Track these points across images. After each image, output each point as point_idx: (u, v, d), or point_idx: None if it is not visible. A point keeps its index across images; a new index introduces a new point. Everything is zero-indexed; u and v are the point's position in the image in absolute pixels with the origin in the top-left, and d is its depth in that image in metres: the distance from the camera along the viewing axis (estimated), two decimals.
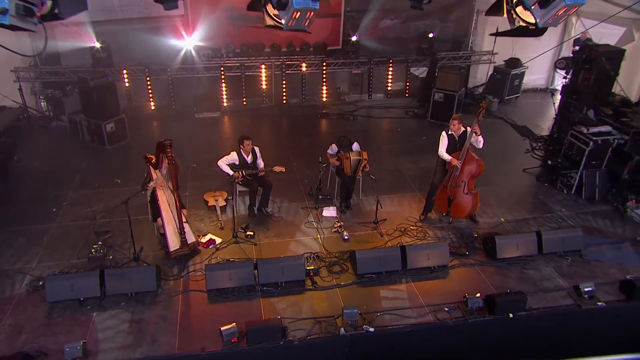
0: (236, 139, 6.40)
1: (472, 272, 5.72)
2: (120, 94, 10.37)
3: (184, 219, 5.99)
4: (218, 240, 6.44)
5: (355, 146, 7.10)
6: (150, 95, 11.01)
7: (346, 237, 6.37)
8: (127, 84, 10.48)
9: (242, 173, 6.40)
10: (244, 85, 11.10)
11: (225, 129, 9.43)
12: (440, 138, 6.56)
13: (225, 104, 10.85)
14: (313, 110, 10.20)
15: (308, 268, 5.72)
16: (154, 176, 5.98)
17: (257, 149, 6.63)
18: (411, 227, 6.52)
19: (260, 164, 6.64)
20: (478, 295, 4.95)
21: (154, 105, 11.14)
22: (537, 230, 5.82)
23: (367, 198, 6.64)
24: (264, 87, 10.50)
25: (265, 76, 11.24)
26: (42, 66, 9.92)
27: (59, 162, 7.91)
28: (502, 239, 5.67)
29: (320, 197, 7.02)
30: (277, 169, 6.64)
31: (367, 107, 10.52)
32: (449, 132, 6.60)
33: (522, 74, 10.66)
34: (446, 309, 4.86)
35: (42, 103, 10.07)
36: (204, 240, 6.38)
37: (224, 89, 10.94)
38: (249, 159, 6.54)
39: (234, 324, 4.88)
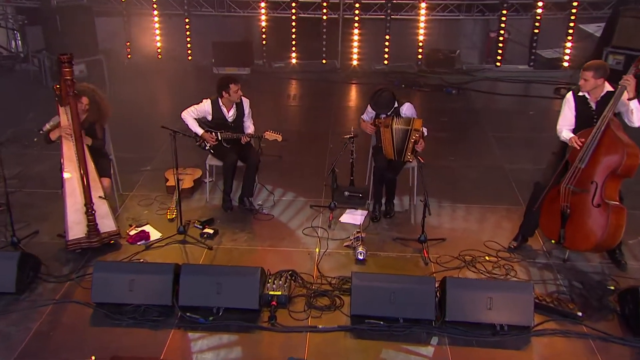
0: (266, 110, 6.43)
1: (582, 348, 4.62)
2: (112, 30, 10.60)
3: (99, 194, 5.36)
4: (155, 234, 5.98)
5: (407, 109, 6.21)
6: (158, 37, 11.26)
7: (361, 257, 5.62)
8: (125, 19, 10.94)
9: (217, 135, 6.29)
10: (295, 34, 11.20)
11: (252, 94, 9.40)
12: (564, 103, 5.53)
13: (262, 62, 11.34)
14: (400, 79, 10.60)
15: (271, 293, 4.94)
16: (63, 119, 5.50)
17: (247, 103, 6.45)
18: (486, 258, 5.63)
19: (249, 127, 6.52)
20: None
21: (160, 52, 11.47)
22: None
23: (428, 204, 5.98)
24: (324, 39, 11.05)
25: (325, 21, 11.24)
26: None
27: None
28: None
29: (347, 193, 6.64)
30: (269, 135, 6.37)
31: (492, 80, 10.86)
32: (579, 93, 5.43)
33: None
34: None
35: (16, 40, 10.37)
36: (132, 232, 5.76)
37: (264, 35, 11.17)
38: (231, 114, 6.37)
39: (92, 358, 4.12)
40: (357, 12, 11.25)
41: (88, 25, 9.05)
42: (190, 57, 11.48)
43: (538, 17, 11.29)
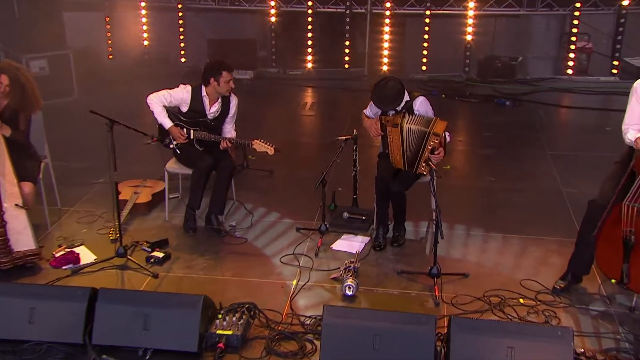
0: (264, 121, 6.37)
1: None
2: (93, 27, 10.69)
3: (17, 201, 5.08)
4: (88, 257, 5.76)
5: (421, 104, 5.94)
6: (146, 35, 11.37)
7: (350, 292, 5.32)
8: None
9: (189, 133, 6.22)
10: (312, 32, 11.21)
11: (255, 102, 9.77)
12: (630, 95, 5.20)
13: (272, 67, 11.51)
14: (441, 88, 10.76)
15: (218, 332, 4.63)
16: None
17: (235, 101, 6.33)
18: (520, 300, 5.29)
19: (230, 132, 6.41)
20: None
21: (147, 52, 11.62)
22: None
23: (454, 232, 6.15)
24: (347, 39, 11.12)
25: (349, 17, 11.22)
26: None
27: None
28: None
29: (345, 214, 6.43)
30: (258, 145, 6.16)
31: (560, 91, 10.86)
32: None
33: None
34: None
35: None
36: (59, 253, 5.58)
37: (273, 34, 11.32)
38: (213, 110, 6.25)
39: None
40: (388, 5, 11.06)
41: (54, 16, 8.95)
42: (183, 59, 11.30)
43: (624, 12, 10.63)
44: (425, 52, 11.26)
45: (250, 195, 6.94)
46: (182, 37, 11.42)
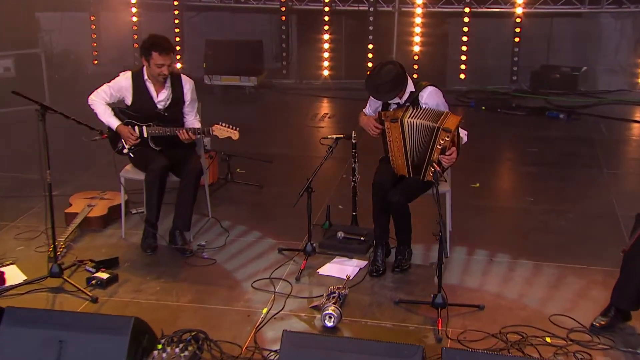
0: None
1: None
2: (79, 29, 10.67)
3: None
4: (17, 278, 5.63)
5: (429, 95, 5.69)
6: (136, 37, 11.57)
7: (330, 323, 5.05)
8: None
9: (141, 131, 6.04)
10: (335, 36, 11.25)
11: (259, 111, 9.72)
12: None
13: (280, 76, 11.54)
14: (481, 99, 10.82)
15: None
16: None
17: (189, 85, 6.18)
18: (547, 339, 5.01)
19: (194, 122, 6.23)
20: None
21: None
22: None
23: (473, 257, 6.04)
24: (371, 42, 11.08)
25: (373, 15, 11.16)
26: None
27: None
28: None
29: (340, 234, 6.24)
30: (219, 130, 5.96)
31: (630, 104, 10.81)
32: None
33: None
34: None
35: None
36: None
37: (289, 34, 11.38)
38: (161, 98, 6.10)
39: None
40: (419, 2, 10.79)
41: (25, 12, 8.97)
42: (180, 65, 11.23)
43: None
44: (464, 58, 11.01)
45: (230, 211, 6.89)
46: (178, 39, 11.33)
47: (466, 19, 10.83)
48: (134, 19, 11.44)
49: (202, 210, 6.71)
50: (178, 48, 11.48)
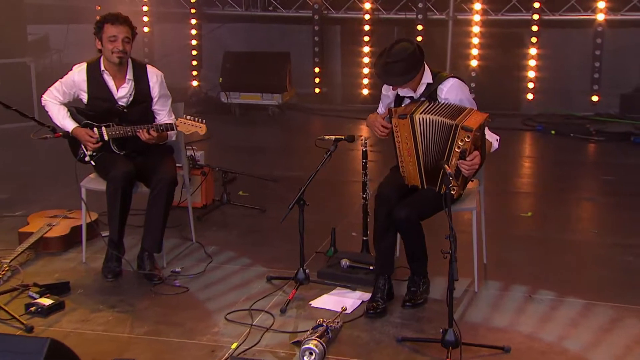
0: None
1: None
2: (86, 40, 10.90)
3: None
4: None
5: (450, 89, 5.42)
6: (146, 50, 11.79)
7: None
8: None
9: (101, 133, 5.90)
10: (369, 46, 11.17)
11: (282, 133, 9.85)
12: None
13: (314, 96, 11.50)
14: (550, 122, 10.76)
15: None
16: None
17: (157, 76, 6.08)
18: None
19: (166, 117, 6.13)
20: None
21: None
22: None
23: (507, 293, 5.86)
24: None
25: (422, 23, 11.07)
26: None
27: None
28: None
29: (344, 262, 6.05)
30: (185, 124, 5.89)
31: None
32: None
33: None
34: None
35: None
36: None
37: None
38: (123, 92, 5.98)
39: None
40: (478, 8, 10.64)
41: (13, 20, 9.25)
42: (195, 82, 11.16)
43: None
44: (532, 75, 10.76)
45: (220, 236, 6.85)
46: (195, 52, 11.27)
47: (535, 28, 10.62)
48: (145, 29, 11.40)
49: (186, 234, 6.68)
50: (195, 63, 11.47)
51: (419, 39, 10.80)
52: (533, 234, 7.05)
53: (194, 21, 11.40)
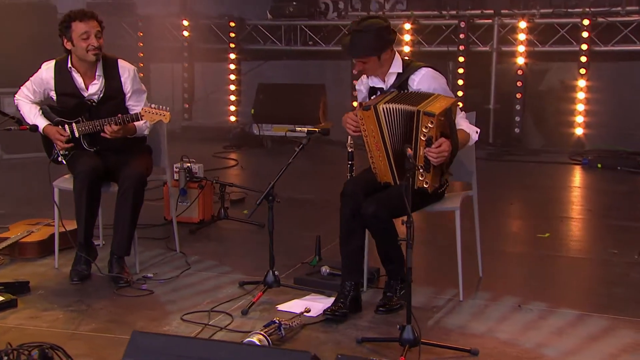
0: None
1: None
2: None
3: None
4: None
5: (422, 79, 5.19)
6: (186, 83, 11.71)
7: None
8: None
9: (72, 130, 5.80)
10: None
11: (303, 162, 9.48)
12: None
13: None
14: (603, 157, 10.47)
15: None
16: None
17: (129, 70, 5.94)
18: None
19: (136, 106, 5.94)
20: None
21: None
22: None
23: (497, 303, 5.60)
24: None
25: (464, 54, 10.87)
26: None
27: None
28: None
29: (325, 269, 5.84)
30: (149, 113, 5.69)
31: None
32: None
33: None
34: None
35: None
36: None
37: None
38: (93, 89, 5.85)
39: None
40: (522, 38, 10.26)
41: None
42: (233, 117, 11.11)
43: None
44: (581, 109, 10.40)
45: (208, 247, 6.72)
46: (234, 87, 11.20)
47: (583, 59, 10.29)
48: (185, 64, 11.43)
49: (172, 245, 6.56)
50: (234, 98, 11.41)
51: (461, 71, 10.52)
52: (542, 252, 6.83)
53: (232, 56, 11.29)
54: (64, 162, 5.95)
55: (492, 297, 5.54)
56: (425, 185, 4.87)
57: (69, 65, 5.75)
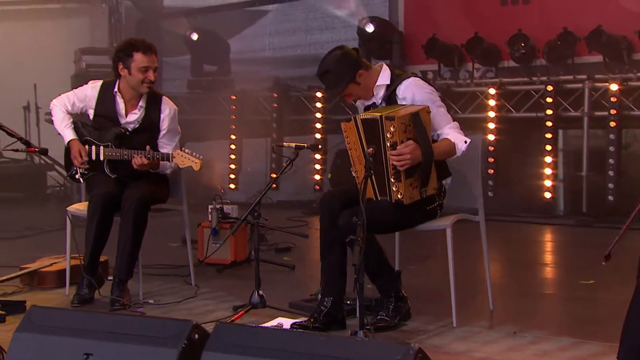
0: None
1: None
2: None
3: None
4: None
5: (406, 88, 5.14)
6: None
7: None
8: None
9: (98, 152, 5.89)
10: None
11: None
12: None
13: None
14: None
15: None
16: None
17: (171, 110, 6.06)
18: None
19: (166, 145, 6.06)
20: None
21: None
22: None
23: (493, 330, 5.45)
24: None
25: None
26: None
27: None
28: None
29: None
30: (180, 157, 5.79)
31: None
32: None
33: None
34: None
35: None
36: None
37: None
38: (133, 118, 5.97)
39: None
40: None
41: None
42: (319, 187, 11.22)
43: None
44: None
45: (227, 283, 6.67)
46: (318, 155, 11.16)
47: None
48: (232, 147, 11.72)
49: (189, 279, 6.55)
50: (319, 167, 11.38)
51: (548, 135, 10.18)
52: (574, 294, 6.59)
53: (319, 126, 11.32)
54: (81, 181, 6.04)
55: (490, 326, 5.36)
56: (400, 197, 4.77)
57: (115, 89, 5.89)
